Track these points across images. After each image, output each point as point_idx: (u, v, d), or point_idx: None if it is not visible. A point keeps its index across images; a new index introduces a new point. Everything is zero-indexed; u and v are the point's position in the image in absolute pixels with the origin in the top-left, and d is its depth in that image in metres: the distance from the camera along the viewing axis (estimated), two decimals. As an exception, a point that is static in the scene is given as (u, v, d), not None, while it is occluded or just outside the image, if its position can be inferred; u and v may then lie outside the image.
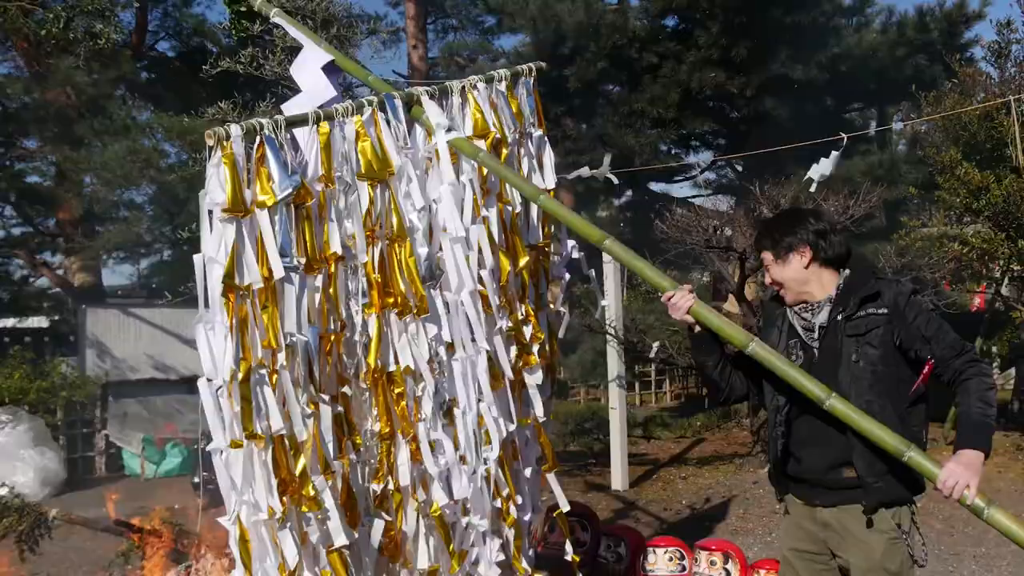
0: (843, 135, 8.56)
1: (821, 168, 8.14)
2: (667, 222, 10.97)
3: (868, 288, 3.37)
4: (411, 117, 3.60)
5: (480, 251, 3.55)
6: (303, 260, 3.11)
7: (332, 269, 3.26)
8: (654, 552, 5.58)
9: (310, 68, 3.97)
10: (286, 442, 3.04)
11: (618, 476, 10.33)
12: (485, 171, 3.62)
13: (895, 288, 3.37)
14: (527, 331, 3.86)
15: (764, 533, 8.17)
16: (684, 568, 5.48)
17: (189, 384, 12.61)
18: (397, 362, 3.43)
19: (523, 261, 3.82)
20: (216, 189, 2.95)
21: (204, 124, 15.02)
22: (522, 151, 3.93)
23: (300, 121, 3.23)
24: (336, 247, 3.24)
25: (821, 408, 3.21)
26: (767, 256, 3.52)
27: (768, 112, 16.11)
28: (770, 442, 3.62)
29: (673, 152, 19.26)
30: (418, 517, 3.59)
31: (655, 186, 21.21)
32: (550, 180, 4.01)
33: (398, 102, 3.51)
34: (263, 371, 2.97)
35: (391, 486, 3.50)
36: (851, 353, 3.31)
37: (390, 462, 3.48)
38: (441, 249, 3.53)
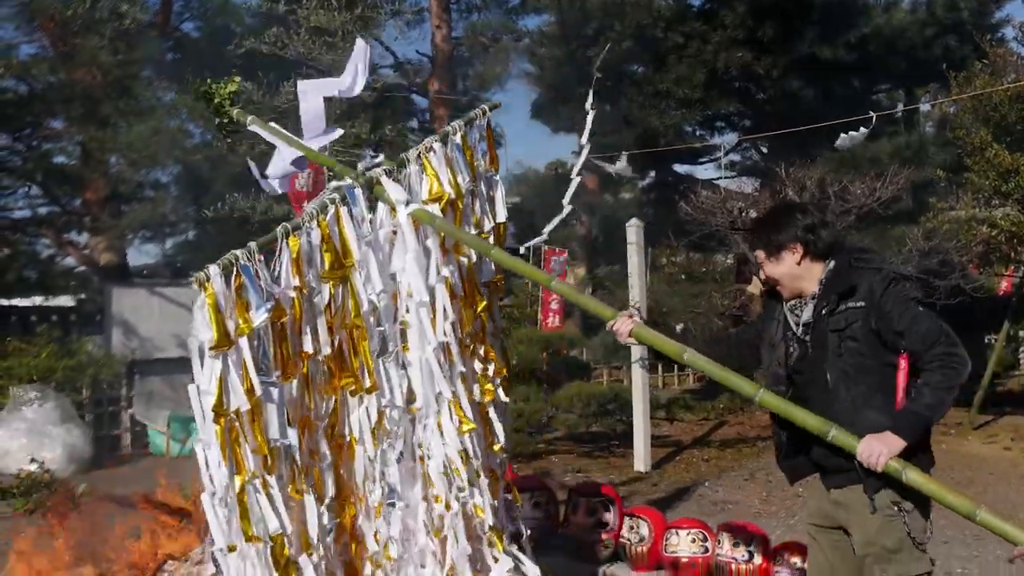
0: (872, 114, 8.49)
1: (850, 138, 8.26)
2: (691, 204, 10.92)
3: (843, 283, 3.40)
4: (375, 196, 3.83)
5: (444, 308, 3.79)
6: (278, 373, 3.39)
7: (305, 369, 3.55)
8: (676, 533, 5.56)
9: (282, 163, 4.28)
10: (283, 540, 3.32)
11: (641, 457, 10.32)
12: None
13: (870, 279, 3.37)
14: (490, 369, 4.05)
15: (787, 516, 8.14)
16: (707, 550, 5.45)
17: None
18: (351, 433, 3.74)
19: (481, 306, 4.01)
20: (203, 329, 3.19)
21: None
22: (476, 197, 4.15)
23: (271, 241, 3.46)
24: (308, 347, 3.53)
25: (822, 394, 3.36)
26: (760, 255, 3.57)
27: (794, 93, 15.98)
28: (774, 432, 3.70)
29: (698, 133, 19.17)
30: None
31: (679, 167, 21.13)
32: (501, 215, 4.21)
33: (359, 192, 3.73)
34: (256, 481, 3.25)
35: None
36: (836, 348, 3.37)
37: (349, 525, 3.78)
38: (397, 320, 3.76)
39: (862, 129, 8.26)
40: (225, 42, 16.17)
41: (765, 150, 19.19)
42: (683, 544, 5.51)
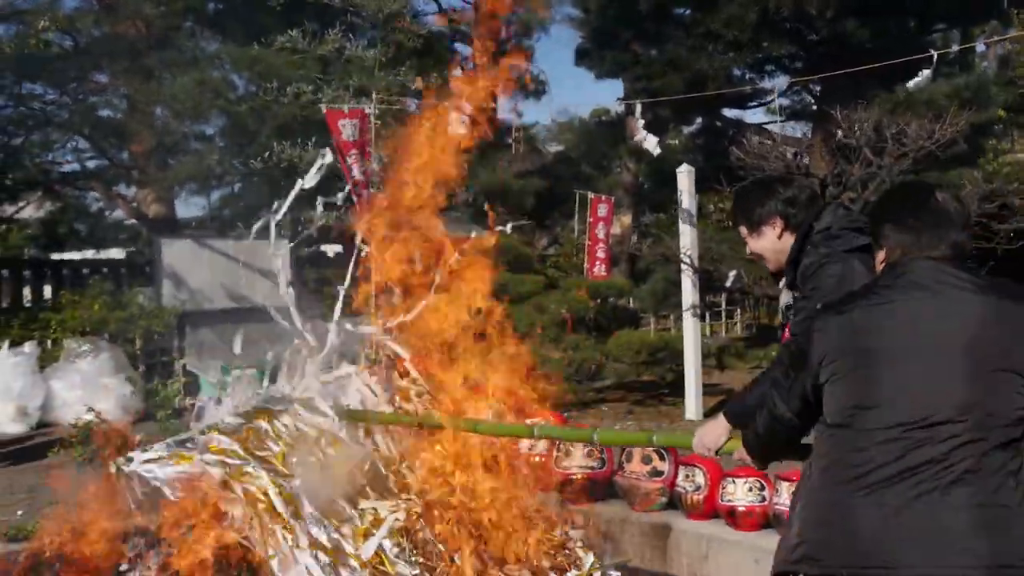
0: (933, 52, 8.22)
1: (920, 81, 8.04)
2: (743, 149, 10.69)
3: (790, 269, 3.31)
4: None
5: None
6: None
7: None
8: (733, 482, 5.49)
9: None
10: None
11: (692, 406, 10.25)
12: None
13: (803, 265, 3.24)
14: None
15: (843, 464, 8.01)
16: (764, 499, 5.38)
17: (263, 314, 12.69)
18: None
19: None
20: None
21: (272, 54, 14.99)
22: None
23: None
24: None
25: None
26: (743, 230, 3.46)
27: (848, 34, 15.52)
28: None
29: (747, 76, 18.78)
30: None
31: (728, 112, 20.77)
32: None
33: None
34: None
35: None
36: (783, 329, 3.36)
37: None
38: None
39: (925, 73, 7.98)
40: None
41: (818, 93, 18.77)
42: (740, 493, 5.43)
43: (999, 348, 2.48)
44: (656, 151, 9.90)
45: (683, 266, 10.53)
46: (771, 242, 3.36)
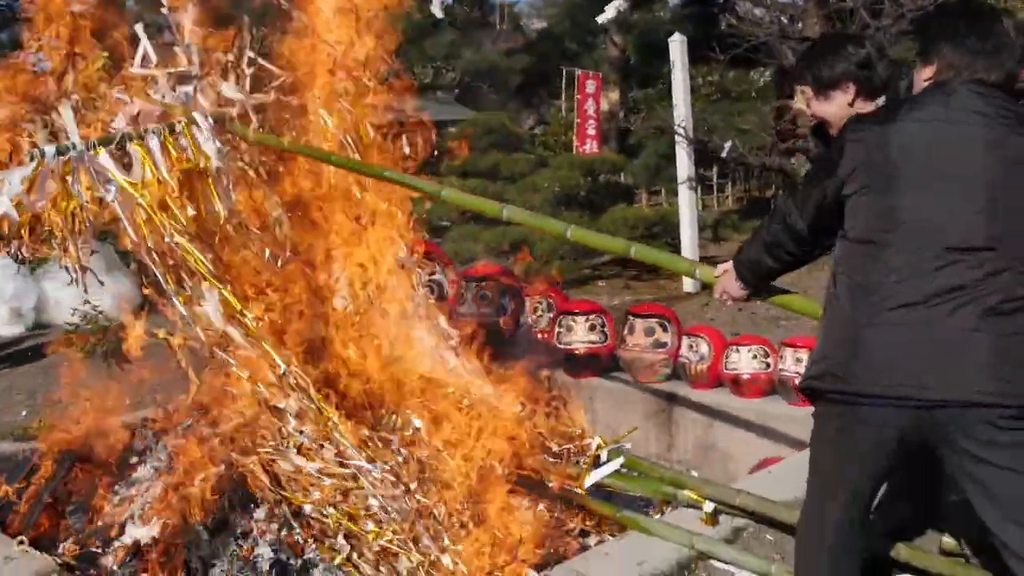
0: None
1: None
2: (735, 15, 10.42)
3: None
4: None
5: None
6: None
7: None
8: (737, 350, 5.50)
9: None
10: None
11: (689, 279, 10.20)
12: None
13: None
14: None
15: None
16: (768, 366, 5.39)
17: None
18: None
19: None
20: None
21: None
22: None
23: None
24: None
25: None
26: (808, 91, 3.20)
27: None
28: None
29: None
30: None
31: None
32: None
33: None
34: None
35: None
36: None
37: None
38: None
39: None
40: None
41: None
42: (744, 360, 5.45)
43: None
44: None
45: (678, 138, 10.34)
46: (841, 108, 3.09)
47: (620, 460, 3.97)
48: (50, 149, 3.79)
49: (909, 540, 3.26)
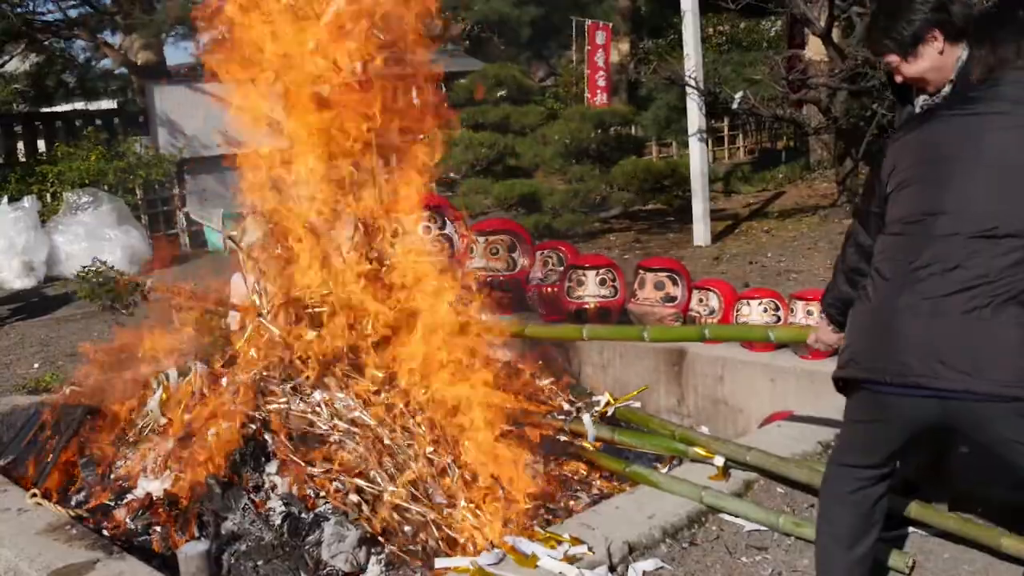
0: None
1: None
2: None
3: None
4: None
5: None
6: None
7: None
8: (748, 304, 5.49)
9: None
10: None
11: (701, 232, 10.17)
12: None
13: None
14: None
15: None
16: (779, 319, 5.38)
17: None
18: None
19: None
20: None
21: None
22: None
23: None
24: None
25: None
26: (893, 59, 2.91)
27: None
28: None
29: None
30: None
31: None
32: None
33: None
34: None
35: None
36: None
37: None
38: None
39: None
40: None
41: None
42: (755, 314, 5.44)
43: None
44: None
45: (688, 89, 10.23)
46: (934, 60, 2.85)
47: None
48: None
49: (922, 496, 3.28)
